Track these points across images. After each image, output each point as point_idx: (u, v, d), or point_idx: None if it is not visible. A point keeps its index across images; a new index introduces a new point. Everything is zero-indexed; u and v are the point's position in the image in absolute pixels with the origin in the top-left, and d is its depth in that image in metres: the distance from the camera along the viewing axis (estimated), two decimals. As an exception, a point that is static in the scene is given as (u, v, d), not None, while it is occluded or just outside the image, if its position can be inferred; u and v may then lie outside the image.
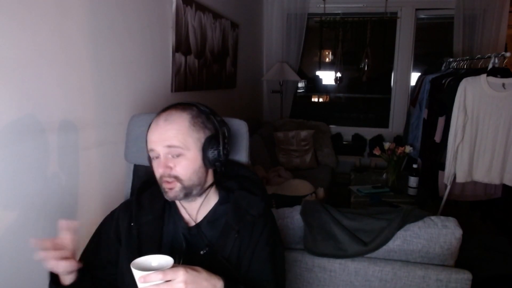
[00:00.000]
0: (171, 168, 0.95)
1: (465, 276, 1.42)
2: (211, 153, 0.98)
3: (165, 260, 0.82)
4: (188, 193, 0.98)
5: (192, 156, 0.97)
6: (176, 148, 0.95)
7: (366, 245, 1.49)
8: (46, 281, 1.31)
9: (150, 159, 1.03)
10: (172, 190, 0.96)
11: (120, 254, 1.04)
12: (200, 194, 1.02)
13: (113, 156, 1.63)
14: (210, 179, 1.04)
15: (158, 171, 0.96)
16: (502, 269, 1.86)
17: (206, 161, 0.99)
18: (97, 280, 1.03)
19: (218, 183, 1.07)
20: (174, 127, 0.95)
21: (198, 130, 0.98)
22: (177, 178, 0.96)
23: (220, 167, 1.02)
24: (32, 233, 1.25)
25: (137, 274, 0.77)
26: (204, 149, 0.98)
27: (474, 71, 2.54)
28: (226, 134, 1.03)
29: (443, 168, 2.47)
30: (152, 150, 0.97)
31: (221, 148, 1.00)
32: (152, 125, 0.98)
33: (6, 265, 1.16)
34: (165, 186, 0.97)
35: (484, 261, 1.87)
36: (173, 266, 0.80)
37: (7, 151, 1.13)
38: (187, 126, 0.97)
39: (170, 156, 0.96)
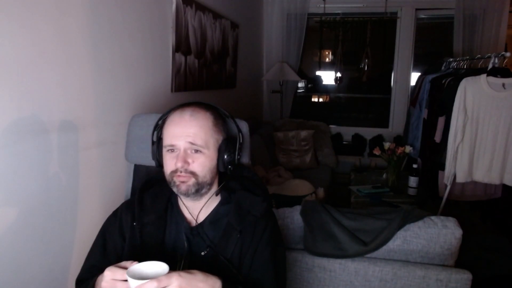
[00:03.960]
0: (189, 163, 0.96)
1: (465, 276, 1.42)
2: (227, 156, 1.01)
3: (161, 267, 0.82)
4: (199, 189, 0.99)
5: (210, 155, 0.99)
6: (198, 147, 0.96)
7: (366, 245, 1.49)
8: (45, 281, 1.32)
9: (158, 152, 1.03)
10: (185, 184, 0.97)
11: (124, 253, 1.04)
12: (206, 194, 1.03)
13: (113, 156, 1.63)
14: (217, 181, 1.06)
15: (176, 164, 0.96)
16: (502, 269, 1.86)
17: (221, 163, 1.01)
18: None
19: (224, 184, 1.07)
20: (199, 124, 0.97)
21: (218, 131, 1.01)
22: (193, 174, 0.97)
23: (230, 171, 1.03)
24: (32, 233, 1.25)
25: (132, 283, 0.77)
26: (221, 151, 1.00)
27: (474, 71, 2.54)
28: (241, 139, 1.05)
29: (443, 168, 2.47)
30: (172, 143, 0.97)
31: (236, 152, 1.02)
32: (175, 118, 0.98)
33: (6, 265, 1.16)
34: (177, 179, 0.97)
35: (484, 261, 1.87)
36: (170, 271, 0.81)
37: (7, 151, 1.13)
38: (210, 126, 0.99)
39: (189, 151, 0.96)
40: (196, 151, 0.97)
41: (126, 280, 0.80)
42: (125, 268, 0.82)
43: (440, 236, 1.44)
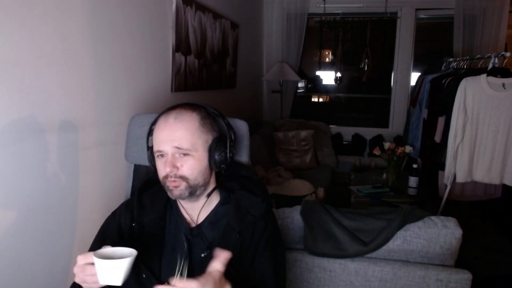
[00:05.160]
0: (178, 168, 0.95)
1: (465, 276, 1.42)
2: (218, 156, 0.99)
3: (129, 252, 0.82)
4: (192, 192, 0.98)
5: (199, 156, 0.98)
6: (184, 150, 0.95)
7: (366, 245, 1.49)
8: (45, 281, 1.32)
9: (152, 157, 1.03)
10: (177, 189, 0.96)
11: None
12: (203, 195, 1.02)
13: (113, 156, 1.63)
14: (213, 181, 1.05)
15: (165, 170, 0.96)
16: (502, 269, 1.86)
17: (212, 163, 1.00)
18: None
19: (219, 184, 1.07)
20: (184, 126, 0.96)
21: (206, 131, 0.99)
22: (183, 178, 0.96)
23: (224, 170, 1.02)
24: (32, 233, 1.25)
25: (97, 262, 0.77)
26: (211, 151, 0.99)
27: (474, 71, 2.54)
28: (233, 137, 1.04)
29: (443, 168, 2.47)
30: (159, 149, 0.96)
31: (227, 150, 1.01)
32: (161, 123, 0.98)
33: (6, 265, 1.16)
34: (169, 184, 0.97)
35: (484, 261, 1.87)
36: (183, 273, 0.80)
37: (7, 151, 1.13)
38: (196, 127, 0.97)
39: (177, 155, 0.96)
40: (184, 154, 0.96)
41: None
42: None
43: (440, 236, 1.44)
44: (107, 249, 0.82)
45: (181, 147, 0.95)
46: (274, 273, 1.01)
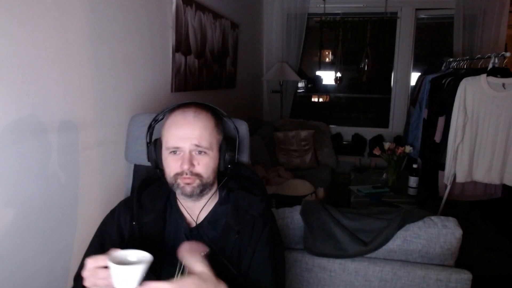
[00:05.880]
0: (194, 165, 0.96)
1: (465, 276, 1.42)
2: (228, 156, 1.01)
3: (144, 256, 0.80)
4: (202, 190, 0.99)
5: (214, 155, 0.99)
6: (203, 148, 0.96)
7: (366, 245, 1.49)
8: (45, 281, 1.32)
9: (155, 153, 1.02)
10: (190, 186, 0.97)
11: None
12: (207, 194, 1.03)
13: (113, 156, 1.63)
14: (216, 181, 1.06)
15: (182, 166, 0.95)
16: (502, 269, 1.87)
17: (222, 163, 1.01)
18: None
19: (222, 184, 1.07)
20: (204, 125, 0.97)
21: (219, 131, 1.02)
22: (197, 175, 0.97)
23: (231, 170, 1.03)
24: (32, 233, 1.25)
25: (113, 268, 0.75)
26: (222, 151, 1.01)
27: (474, 71, 2.54)
28: (239, 139, 1.06)
29: (443, 168, 2.47)
30: (177, 146, 0.96)
31: (236, 152, 1.03)
32: (179, 119, 0.97)
33: (6, 265, 1.16)
34: (181, 181, 0.97)
35: (484, 261, 1.87)
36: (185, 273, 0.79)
37: (7, 151, 1.13)
38: (213, 126, 0.99)
39: (193, 153, 0.96)
40: (201, 152, 0.96)
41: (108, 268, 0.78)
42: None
43: (440, 236, 1.44)
44: (120, 252, 0.81)
45: (200, 145, 0.95)
46: (273, 273, 1.01)
